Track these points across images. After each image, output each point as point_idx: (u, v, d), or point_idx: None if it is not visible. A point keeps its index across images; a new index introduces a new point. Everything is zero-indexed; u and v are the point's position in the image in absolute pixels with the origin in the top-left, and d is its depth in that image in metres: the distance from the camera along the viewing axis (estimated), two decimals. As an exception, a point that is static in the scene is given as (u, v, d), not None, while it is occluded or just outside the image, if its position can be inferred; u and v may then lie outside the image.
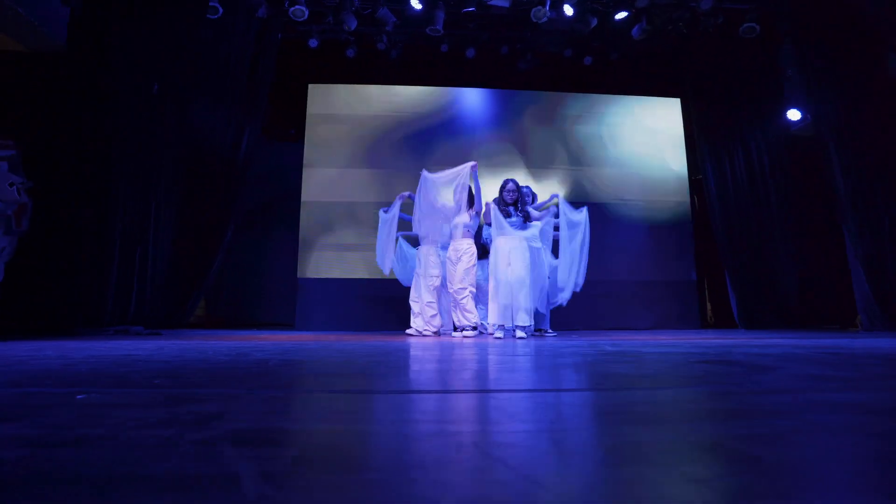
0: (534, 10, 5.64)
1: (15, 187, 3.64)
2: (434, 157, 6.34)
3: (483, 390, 1.31)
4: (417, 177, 4.62)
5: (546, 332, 4.35)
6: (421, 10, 5.73)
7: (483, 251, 4.33)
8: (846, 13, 4.77)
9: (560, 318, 5.83)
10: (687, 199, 6.53)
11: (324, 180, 6.13)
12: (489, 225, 3.98)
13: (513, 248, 3.75)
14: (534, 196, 4.60)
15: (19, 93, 4.18)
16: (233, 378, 1.43)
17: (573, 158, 6.58)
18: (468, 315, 4.02)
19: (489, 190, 4.86)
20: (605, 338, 3.70)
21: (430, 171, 4.41)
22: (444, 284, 4.34)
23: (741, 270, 5.86)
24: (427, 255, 4.35)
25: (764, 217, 5.96)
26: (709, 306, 7.37)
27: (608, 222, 6.40)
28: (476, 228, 4.31)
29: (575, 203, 5.97)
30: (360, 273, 5.87)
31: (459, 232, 4.20)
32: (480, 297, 4.37)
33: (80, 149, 4.15)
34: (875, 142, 4.68)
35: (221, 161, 5.42)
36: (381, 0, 5.80)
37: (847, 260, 4.96)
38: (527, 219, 3.88)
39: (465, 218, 4.20)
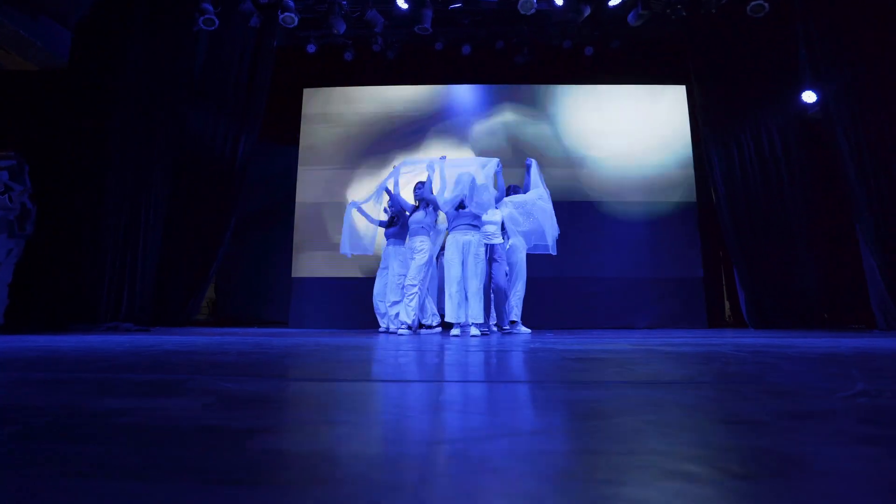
0: (521, 2, 5.52)
1: (15, 193, 3.97)
2: (428, 155, 6.35)
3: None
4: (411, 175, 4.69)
5: (503, 328, 4.28)
6: (408, 9, 5.75)
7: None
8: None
9: (557, 315, 5.70)
10: (693, 191, 6.18)
11: (318, 181, 6.28)
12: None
13: (465, 242, 3.71)
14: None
15: (25, 107, 4.56)
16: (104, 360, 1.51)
17: (574, 151, 6.39)
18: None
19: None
20: (584, 337, 3.57)
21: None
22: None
23: (751, 266, 5.48)
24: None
25: (777, 209, 5.53)
26: (727, 304, 6.94)
27: (609, 216, 6.18)
28: (432, 225, 4.28)
29: (577, 199, 5.85)
30: (353, 272, 5.97)
31: (416, 228, 4.22)
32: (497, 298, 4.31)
33: (80, 156, 4.48)
34: (889, 130, 4.25)
35: (219, 166, 5.67)
36: (370, 2, 5.88)
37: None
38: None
39: (419, 214, 4.21)
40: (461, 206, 3.77)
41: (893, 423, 0.78)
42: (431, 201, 4.09)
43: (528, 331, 4.41)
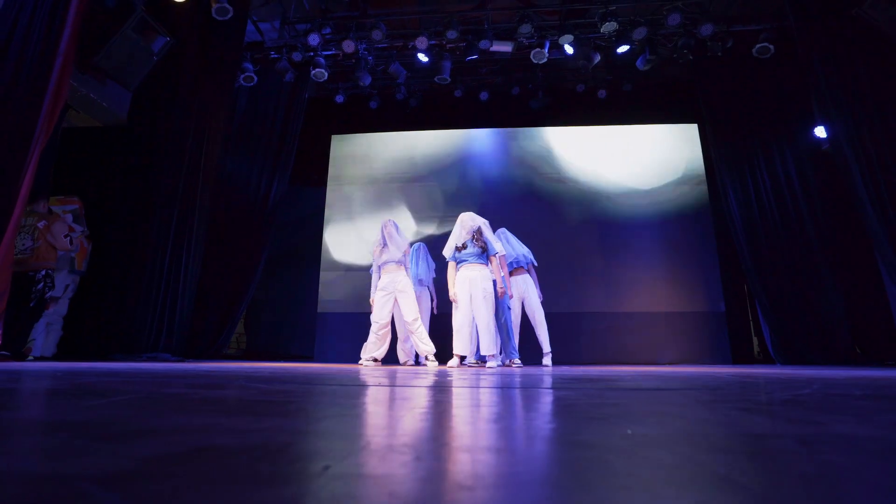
0: (533, 52, 5.91)
1: (76, 234, 4.41)
2: (449, 196, 6.65)
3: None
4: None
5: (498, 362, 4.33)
6: (428, 62, 6.22)
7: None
8: (856, 26, 4.53)
9: (575, 350, 5.71)
10: (710, 227, 6.22)
11: (345, 220, 6.63)
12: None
13: (472, 278, 3.87)
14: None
15: (88, 158, 5.11)
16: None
17: (590, 190, 6.57)
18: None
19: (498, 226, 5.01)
20: (583, 370, 3.63)
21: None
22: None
23: (774, 301, 5.41)
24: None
25: (798, 243, 5.50)
26: (755, 340, 6.77)
27: (628, 253, 6.24)
28: (408, 263, 4.44)
29: (595, 235, 5.97)
30: (376, 307, 6.17)
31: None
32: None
33: (130, 201, 4.94)
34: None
35: (252, 208, 6.09)
36: (394, 56, 6.39)
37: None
38: (484, 250, 3.98)
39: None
40: (463, 246, 3.97)
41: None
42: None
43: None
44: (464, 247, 3.96)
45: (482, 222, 4.06)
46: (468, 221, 4.02)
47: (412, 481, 0.43)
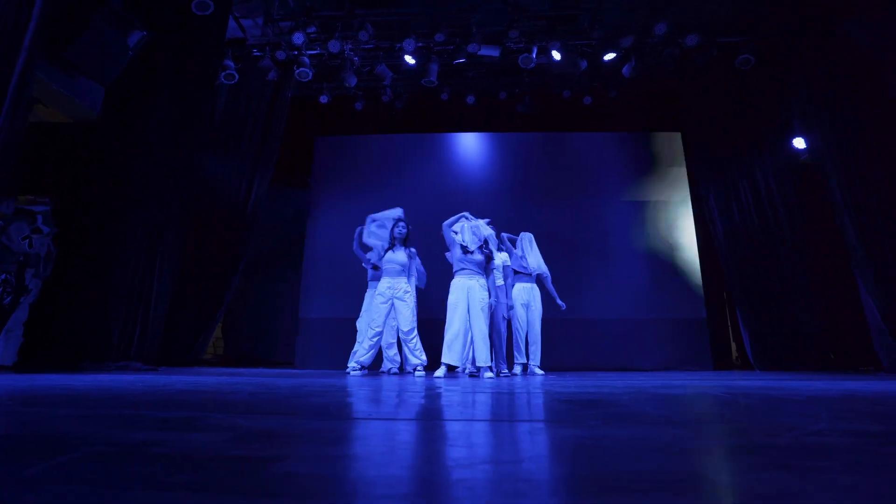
0: (521, 57, 5.89)
1: (42, 235, 4.18)
2: (435, 200, 6.58)
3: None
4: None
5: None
6: (415, 64, 6.14)
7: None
8: (837, 41, 4.64)
9: (559, 357, 5.70)
10: (692, 233, 6.31)
11: (327, 224, 6.49)
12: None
13: (470, 287, 3.81)
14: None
15: (57, 155, 4.86)
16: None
17: (574, 196, 6.59)
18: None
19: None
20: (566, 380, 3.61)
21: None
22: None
23: (754, 308, 5.51)
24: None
25: (777, 251, 5.62)
26: (734, 346, 6.90)
27: (611, 259, 6.28)
28: (410, 268, 4.31)
29: (578, 240, 5.97)
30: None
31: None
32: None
33: (102, 201, 4.71)
34: (879, 173, 4.40)
35: (231, 209, 5.90)
36: (380, 57, 6.28)
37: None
38: (489, 259, 3.94)
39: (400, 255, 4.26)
40: (466, 250, 3.90)
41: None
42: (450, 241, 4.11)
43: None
44: (470, 252, 3.88)
45: (490, 233, 4.01)
46: (482, 231, 3.95)
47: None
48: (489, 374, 3.70)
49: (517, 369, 4.56)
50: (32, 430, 1.12)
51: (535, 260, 4.70)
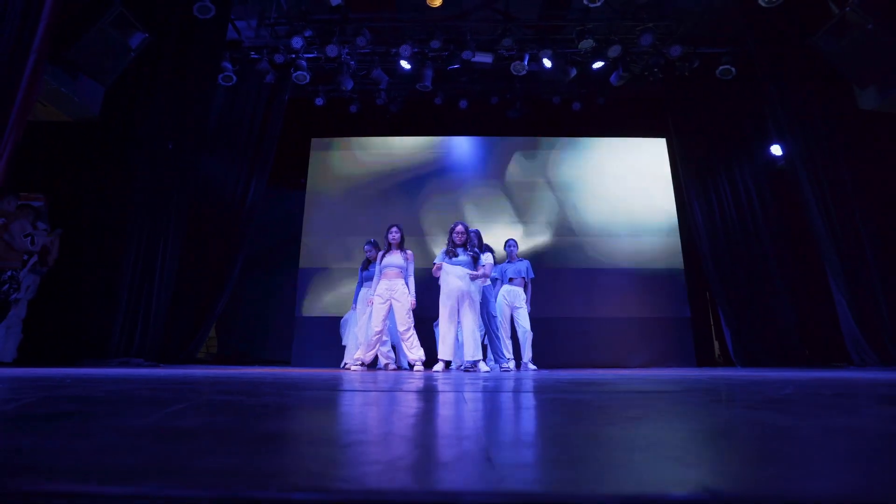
0: (513, 64, 6.09)
1: (39, 232, 4.21)
2: (427, 202, 6.73)
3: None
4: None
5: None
6: (410, 69, 6.29)
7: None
8: (809, 54, 4.92)
9: (549, 354, 5.87)
10: (677, 236, 6.56)
11: (323, 224, 6.59)
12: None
13: (459, 286, 3.97)
14: (481, 240, 4.68)
15: (56, 153, 4.89)
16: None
17: (562, 200, 6.80)
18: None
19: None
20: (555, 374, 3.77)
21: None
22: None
23: (735, 308, 5.76)
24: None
25: (756, 252, 5.89)
26: (716, 344, 7.16)
27: (597, 261, 6.49)
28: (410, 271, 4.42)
29: (567, 241, 6.16)
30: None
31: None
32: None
33: (102, 199, 4.76)
34: (850, 176, 4.68)
35: (229, 209, 5.97)
36: (376, 62, 6.43)
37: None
38: (475, 259, 4.09)
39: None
40: (454, 254, 4.06)
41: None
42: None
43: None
44: (455, 254, 4.04)
45: (475, 233, 4.17)
46: (462, 231, 4.10)
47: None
48: (485, 367, 3.85)
49: (510, 364, 4.72)
50: (126, 396, 1.24)
51: (520, 265, 4.94)
